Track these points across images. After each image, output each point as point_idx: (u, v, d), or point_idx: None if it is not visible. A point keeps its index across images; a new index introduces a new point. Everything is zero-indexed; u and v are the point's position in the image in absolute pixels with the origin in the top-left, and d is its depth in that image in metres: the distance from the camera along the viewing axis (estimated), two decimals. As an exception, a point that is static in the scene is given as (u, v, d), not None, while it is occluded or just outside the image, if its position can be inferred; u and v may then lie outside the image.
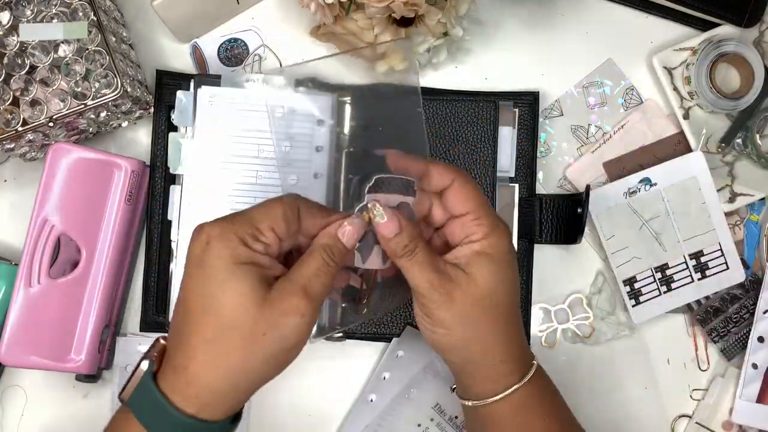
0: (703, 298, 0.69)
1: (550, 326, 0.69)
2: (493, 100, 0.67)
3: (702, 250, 0.68)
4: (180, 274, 0.64)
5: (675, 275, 0.68)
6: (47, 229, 0.63)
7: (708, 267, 0.68)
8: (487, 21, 0.71)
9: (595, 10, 0.71)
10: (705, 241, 0.68)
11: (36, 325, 0.62)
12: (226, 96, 0.66)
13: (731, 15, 0.69)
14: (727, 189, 0.69)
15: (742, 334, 0.68)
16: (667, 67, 0.69)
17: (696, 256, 0.68)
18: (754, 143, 0.68)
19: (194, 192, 0.66)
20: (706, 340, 0.69)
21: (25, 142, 0.64)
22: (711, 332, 0.68)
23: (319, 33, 0.69)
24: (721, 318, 0.68)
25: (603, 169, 0.70)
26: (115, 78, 0.62)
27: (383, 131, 0.67)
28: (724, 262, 0.68)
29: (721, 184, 0.69)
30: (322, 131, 0.67)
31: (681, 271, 0.68)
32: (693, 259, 0.68)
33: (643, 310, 0.68)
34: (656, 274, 0.68)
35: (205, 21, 0.70)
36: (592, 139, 0.70)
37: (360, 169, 0.67)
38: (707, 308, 0.68)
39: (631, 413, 0.68)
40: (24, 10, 0.63)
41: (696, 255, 0.68)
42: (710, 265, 0.68)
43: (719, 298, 0.69)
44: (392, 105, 0.68)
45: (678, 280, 0.68)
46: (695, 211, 0.68)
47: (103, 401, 0.68)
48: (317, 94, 0.67)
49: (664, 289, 0.68)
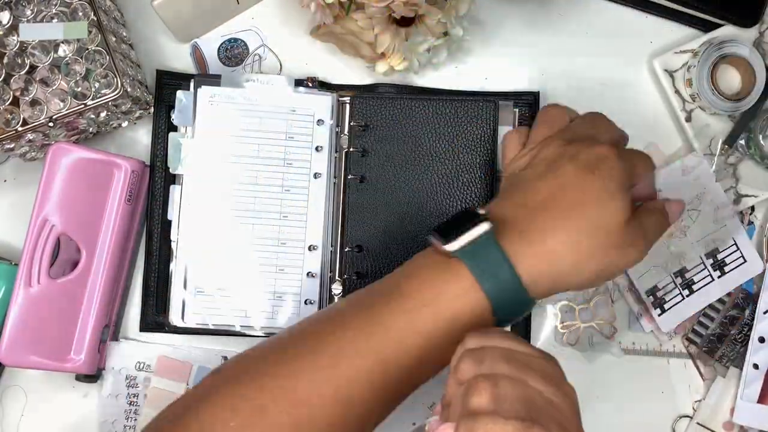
0: (701, 328, 0.68)
1: (574, 324, 0.68)
2: (493, 100, 0.67)
3: (717, 248, 0.68)
4: (180, 273, 0.65)
5: (695, 277, 0.68)
6: (47, 229, 0.63)
7: (725, 263, 0.68)
8: (487, 21, 0.71)
9: (595, 11, 0.71)
10: (718, 239, 0.68)
11: (36, 325, 0.62)
12: (226, 96, 0.66)
13: (731, 15, 0.69)
14: (732, 191, 0.69)
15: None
16: (668, 69, 0.69)
17: (712, 254, 0.68)
18: (757, 144, 0.68)
19: (194, 192, 0.66)
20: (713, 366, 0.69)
21: (25, 142, 0.64)
22: (721, 359, 0.68)
23: (319, 33, 0.69)
24: (727, 342, 0.68)
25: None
26: (115, 78, 0.62)
27: (383, 131, 0.68)
28: (741, 255, 0.68)
29: (725, 185, 0.69)
30: (322, 131, 0.67)
31: (700, 272, 0.68)
32: (710, 258, 0.68)
33: (669, 317, 0.67)
34: (676, 279, 0.68)
35: (205, 21, 0.70)
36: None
37: (360, 169, 0.67)
38: (710, 338, 0.68)
39: (632, 413, 0.68)
40: (24, 10, 0.63)
41: (712, 253, 0.68)
42: (727, 261, 0.68)
43: (719, 325, 0.68)
44: (392, 105, 0.68)
45: (698, 281, 0.68)
46: (705, 210, 0.68)
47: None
48: (317, 94, 0.68)
49: (687, 292, 0.68)
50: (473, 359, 0.43)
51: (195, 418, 0.48)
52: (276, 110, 0.67)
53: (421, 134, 0.67)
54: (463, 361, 0.43)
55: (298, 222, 0.66)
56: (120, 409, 0.67)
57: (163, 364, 0.67)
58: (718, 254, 0.68)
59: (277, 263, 0.66)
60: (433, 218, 0.66)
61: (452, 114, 0.67)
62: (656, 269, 0.68)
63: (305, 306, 0.66)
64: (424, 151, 0.67)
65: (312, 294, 0.66)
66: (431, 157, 0.67)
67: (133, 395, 0.67)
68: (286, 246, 0.66)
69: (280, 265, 0.66)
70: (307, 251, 0.66)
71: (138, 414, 0.67)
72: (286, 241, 0.66)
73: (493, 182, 0.67)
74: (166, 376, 0.67)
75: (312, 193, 0.67)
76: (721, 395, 0.68)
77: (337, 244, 0.67)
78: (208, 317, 0.65)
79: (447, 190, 0.66)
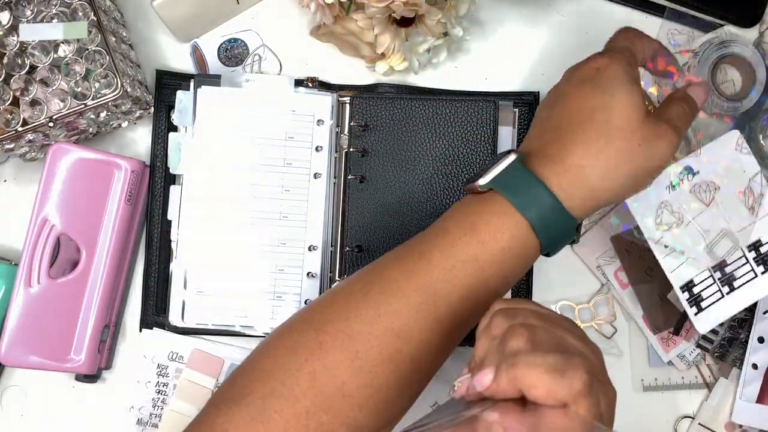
0: (711, 334, 0.65)
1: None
2: (493, 100, 0.67)
3: (760, 239, 0.62)
4: (180, 273, 0.65)
5: (735, 272, 0.62)
6: (47, 229, 0.63)
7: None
8: (487, 21, 0.71)
9: (595, 10, 0.71)
10: (763, 229, 0.62)
11: (36, 325, 0.62)
12: (226, 96, 0.66)
13: (731, 15, 0.69)
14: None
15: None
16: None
17: (755, 246, 0.62)
18: (757, 144, 0.68)
19: (194, 192, 0.66)
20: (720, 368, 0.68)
21: (25, 142, 0.64)
22: (735, 362, 0.66)
23: (319, 33, 0.69)
24: (738, 345, 0.66)
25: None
26: (115, 78, 0.62)
27: (383, 131, 0.68)
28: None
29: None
30: (322, 131, 0.67)
31: (742, 266, 0.62)
32: (752, 251, 0.62)
33: (707, 316, 0.62)
34: (715, 273, 0.62)
35: (205, 21, 0.70)
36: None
37: (360, 169, 0.67)
38: (721, 342, 0.66)
39: (633, 413, 0.68)
40: (24, 10, 0.63)
41: (755, 246, 0.62)
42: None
43: (728, 328, 0.66)
44: (392, 105, 0.68)
45: (740, 277, 0.62)
46: (745, 196, 0.63)
47: (103, 401, 0.68)
48: (317, 94, 0.68)
49: (727, 289, 0.62)
50: (506, 315, 0.44)
51: (260, 366, 0.51)
52: (276, 110, 0.67)
53: (420, 134, 0.67)
54: (496, 317, 0.44)
55: (298, 222, 0.66)
56: (148, 396, 0.67)
57: (196, 356, 0.67)
58: (761, 247, 0.62)
59: (277, 263, 0.66)
60: (432, 218, 0.66)
61: (452, 114, 0.67)
62: (693, 261, 0.62)
63: (305, 306, 0.66)
64: (423, 151, 0.67)
65: (312, 294, 0.66)
66: (431, 157, 0.67)
67: (162, 384, 0.67)
68: (286, 246, 0.66)
69: (280, 265, 0.66)
70: (307, 251, 0.66)
71: (165, 403, 0.67)
72: (286, 241, 0.66)
73: (493, 182, 0.67)
74: (198, 369, 0.67)
75: (312, 193, 0.67)
76: (724, 396, 0.68)
77: (337, 244, 0.67)
78: (208, 317, 0.65)
79: (447, 190, 0.66)
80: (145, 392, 0.67)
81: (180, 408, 0.67)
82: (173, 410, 0.67)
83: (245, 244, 0.66)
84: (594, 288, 0.69)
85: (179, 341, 0.67)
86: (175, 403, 0.67)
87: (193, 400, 0.67)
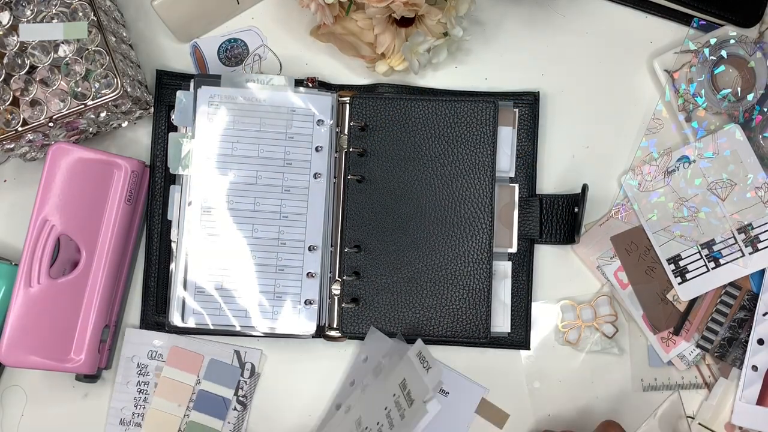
0: (710, 334, 0.67)
1: (575, 323, 0.68)
2: (493, 100, 0.67)
3: (751, 223, 0.66)
4: (180, 273, 0.65)
5: (723, 251, 0.66)
6: (47, 229, 0.63)
7: (759, 240, 0.66)
8: (487, 21, 0.71)
9: (595, 10, 0.71)
10: (755, 213, 0.66)
11: (36, 325, 0.62)
12: (226, 96, 0.66)
13: (731, 15, 0.69)
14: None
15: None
16: (668, 70, 0.69)
17: (745, 229, 0.66)
18: (757, 143, 0.68)
19: (194, 192, 0.66)
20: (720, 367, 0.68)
21: (25, 142, 0.64)
22: (734, 362, 0.67)
23: (319, 33, 0.69)
24: (737, 345, 0.67)
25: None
26: (115, 78, 0.62)
27: (383, 131, 0.68)
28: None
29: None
30: (322, 131, 0.67)
31: (729, 246, 0.66)
32: (741, 233, 0.66)
33: (690, 286, 0.66)
34: (702, 250, 0.66)
35: (205, 21, 0.70)
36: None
37: (359, 169, 0.67)
38: (720, 342, 0.67)
39: (634, 413, 0.68)
40: (24, 10, 0.63)
41: (744, 228, 0.66)
42: (761, 237, 0.66)
43: (728, 328, 0.67)
44: (392, 105, 0.68)
45: (726, 255, 0.66)
46: (740, 184, 0.67)
47: (103, 401, 0.68)
48: (317, 94, 0.68)
49: (712, 265, 0.66)
50: None
51: None
52: (276, 110, 0.67)
53: (420, 134, 0.67)
54: None
55: (298, 222, 0.66)
56: (130, 396, 0.67)
57: (175, 354, 0.67)
58: (752, 230, 0.66)
59: (277, 263, 0.66)
60: (432, 218, 0.66)
61: (452, 114, 0.67)
62: (681, 239, 0.66)
63: (305, 306, 0.66)
64: (423, 151, 0.67)
65: (312, 294, 0.66)
66: (431, 157, 0.67)
67: (143, 383, 0.67)
68: (286, 246, 0.66)
69: (280, 265, 0.66)
70: (307, 251, 0.66)
71: (147, 402, 0.67)
72: (286, 242, 0.66)
73: (492, 182, 0.67)
74: (178, 367, 0.67)
75: (312, 193, 0.67)
76: (724, 396, 0.68)
77: (337, 244, 0.67)
78: (208, 317, 0.65)
79: (446, 190, 0.66)
80: (126, 392, 0.67)
81: (162, 406, 0.67)
82: (156, 409, 0.67)
83: (245, 244, 0.66)
84: (594, 288, 0.69)
85: (158, 338, 0.67)
86: (156, 401, 0.67)
87: (174, 398, 0.67)
